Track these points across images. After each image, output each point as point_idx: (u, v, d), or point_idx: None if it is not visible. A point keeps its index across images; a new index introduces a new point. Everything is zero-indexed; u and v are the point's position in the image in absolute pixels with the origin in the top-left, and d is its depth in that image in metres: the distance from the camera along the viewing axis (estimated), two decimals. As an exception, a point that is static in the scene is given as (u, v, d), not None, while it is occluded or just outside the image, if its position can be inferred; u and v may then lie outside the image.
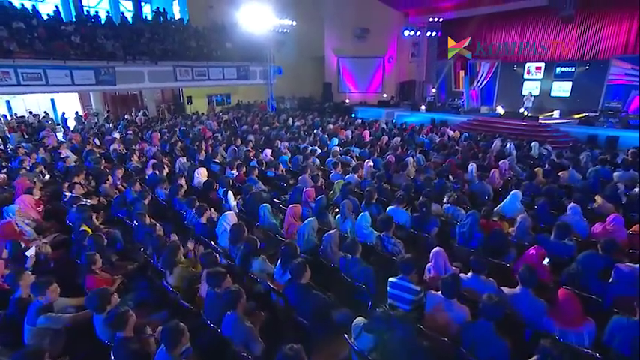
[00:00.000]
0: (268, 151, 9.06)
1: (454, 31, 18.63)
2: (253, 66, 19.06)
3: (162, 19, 18.11)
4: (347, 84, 22.59)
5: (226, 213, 4.91)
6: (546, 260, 4.01)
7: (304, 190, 5.79)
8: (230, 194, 6.20)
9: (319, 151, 9.30)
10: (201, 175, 7.23)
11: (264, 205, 5.32)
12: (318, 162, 8.33)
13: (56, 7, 16.74)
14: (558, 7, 15.02)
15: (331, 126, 13.00)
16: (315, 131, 12.02)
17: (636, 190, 6.28)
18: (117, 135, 11.49)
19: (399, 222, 5.19)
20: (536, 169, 6.97)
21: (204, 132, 12.58)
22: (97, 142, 11.48)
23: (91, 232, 4.59)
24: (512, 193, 5.59)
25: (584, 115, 14.37)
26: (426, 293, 3.42)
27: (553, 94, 16.32)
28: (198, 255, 4.15)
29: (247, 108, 20.60)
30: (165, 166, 7.80)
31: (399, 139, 10.18)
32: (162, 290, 3.99)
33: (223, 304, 3.10)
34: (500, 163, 7.32)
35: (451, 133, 11.54)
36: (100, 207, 6.17)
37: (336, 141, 10.01)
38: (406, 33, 19.39)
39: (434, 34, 19.13)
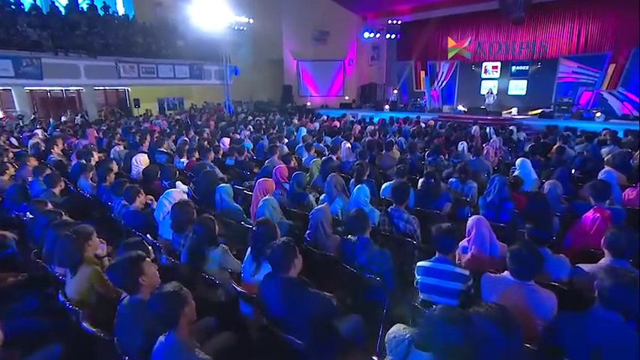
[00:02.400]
0: (226, 140, 7.56)
1: (413, 33, 18.42)
2: (208, 65, 17.42)
3: (102, 12, 15.98)
4: (307, 87, 21.56)
5: (170, 190, 3.40)
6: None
7: (275, 168, 4.41)
8: (179, 183, 4.69)
9: (287, 140, 7.97)
10: (141, 162, 5.56)
11: (221, 186, 3.86)
12: (286, 149, 6.98)
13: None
14: (509, 10, 15.21)
15: (296, 121, 11.74)
16: (277, 126, 10.65)
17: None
18: (39, 132, 9.36)
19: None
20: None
21: (151, 128, 10.73)
22: (14, 141, 9.25)
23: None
24: (521, 160, 4.61)
25: (540, 110, 14.49)
26: (482, 277, 2.18)
27: (510, 92, 16.40)
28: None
29: (202, 111, 18.73)
30: (95, 155, 6.03)
31: (372, 126, 9.13)
32: (59, 310, 2.40)
33: (150, 322, 1.64)
34: (491, 141, 6.45)
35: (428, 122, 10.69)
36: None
37: (304, 130, 8.72)
38: (366, 35, 18.84)
39: (393, 36, 18.76)
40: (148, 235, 3.21)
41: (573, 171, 5.19)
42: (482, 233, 2.62)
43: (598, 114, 12.28)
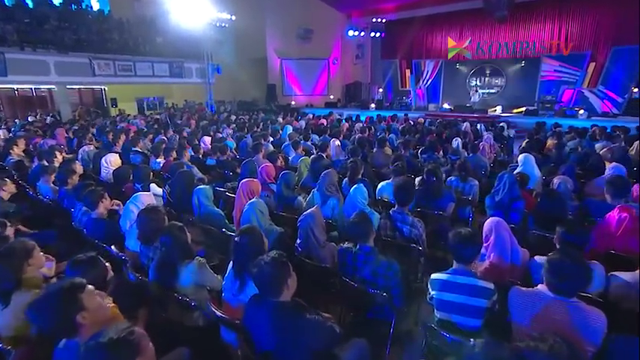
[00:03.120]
0: (207, 139, 7.04)
1: (398, 31, 18.24)
2: (189, 63, 16.70)
3: (75, 6, 15.05)
4: (292, 87, 21.10)
5: (138, 194, 2.92)
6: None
7: (260, 167, 3.97)
8: (154, 186, 4.20)
9: (272, 138, 7.51)
10: (112, 163, 5.00)
11: (199, 188, 3.39)
12: (270, 146, 6.53)
13: None
14: (493, 9, 15.19)
15: (281, 119, 11.27)
16: (262, 124, 10.15)
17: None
18: (1, 132, 8.58)
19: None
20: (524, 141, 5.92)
21: (128, 127, 10.05)
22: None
23: None
24: (524, 156, 4.32)
25: (524, 108, 14.50)
26: (511, 292, 1.82)
27: (494, 90, 16.40)
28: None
29: (183, 110, 17.97)
30: (59, 156, 5.42)
31: (361, 124, 8.77)
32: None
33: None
34: (485, 137, 6.17)
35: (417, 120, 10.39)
36: None
37: (289, 128, 8.27)
38: (350, 33, 18.54)
39: (378, 34, 18.51)
40: (113, 247, 2.72)
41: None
42: (502, 238, 2.26)
43: (581, 111, 12.32)
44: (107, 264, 1.95)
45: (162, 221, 2.42)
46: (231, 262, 2.06)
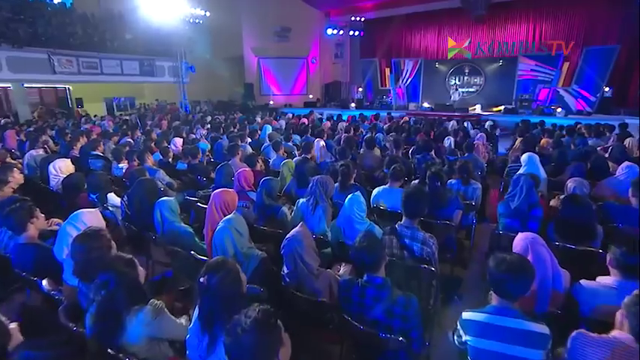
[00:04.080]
0: (178, 141, 6.34)
1: (377, 30, 17.98)
2: (161, 61, 15.71)
3: (31, -2, 13.79)
4: (269, 86, 20.41)
5: (79, 212, 2.26)
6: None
7: (237, 172, 3.38)
8: (112, 196, 3.54)
9: (249, 139, 6.89)
10: (62, 169, 4.26)
11: (162, 200, 2.77)
12: (249, 148, 5.93)
13: None
14: (471, 8, 15.14)
15: (259, 119, 10.63)
16: (239, 124, 9.48)
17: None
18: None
19: (398, 208, 3.15)
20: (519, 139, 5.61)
21: (91, 129, 9.12)
22: None
23: None
24: (528, 156, 3.93)
25: (502, 107, 14.53)
26: (573, 338, 1.35)
27: (473, 89, 16.38)
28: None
29: (154, 110, 16.93)
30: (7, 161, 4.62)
31: (344, 123, 8.29)
32: None
33: None
34: (477, 135, 5.82)
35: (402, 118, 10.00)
36: None
37: (269, 128, 7.67)
38: (329, 31, 18.07)
39: (357, 33, 18.14)
40: (45, 282, 2.08)
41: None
42: (542, 259, 1.80)
43: (559, 109, 12.39)
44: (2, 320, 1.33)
45: (106, 251, 1.81)
46: (197, 308, 1.48)
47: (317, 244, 2.31)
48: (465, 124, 7.91)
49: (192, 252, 2.45)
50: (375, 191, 3.38)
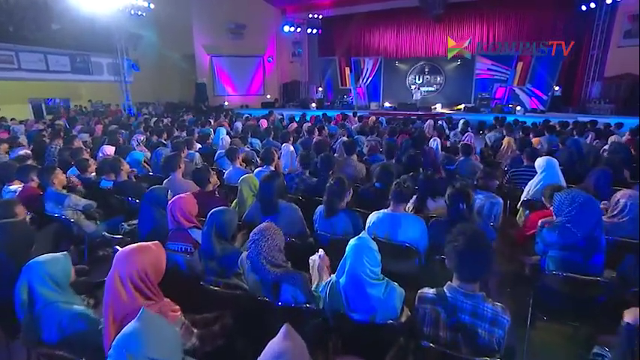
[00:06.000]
0: (109, 149, 4.93)
1: (335, 28, 17.22)
2: (97, 57, 13.69)
3: None
4: (224, 86, 18.88)
5: None
6: None
7: (172, 201, 2.23)
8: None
9: (199, 145, 5.65)
10: None
11: (35, 262, 1.57)
12: (198, 157, 4.72)
13: None
14: (428, 7, 14.87)
15: (212, 121, 9.31)
16: (188, 128, 8.07)
17: None
18: None
19: (406, 240, 2.21)
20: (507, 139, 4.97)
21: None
22: None
23: None
24: (546, 161, 3.19)
25: (463, 106, 14.45)
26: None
27: (433, 88, 16.18)
28: None
29: (91, 113, 14.72)
30: None
31: (309, 124, 7.28)
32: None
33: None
34: (464, 135, 5.08)
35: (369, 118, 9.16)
36: None
37: (223, 131, 6.40)
38: (286, 28, 16.99)
39: (314, 31, 17.24)
40: None
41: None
42: None
43: (518, 107, 12.38)
44: None
45: None
46: None
47: (302, 316, 1.31)
48: (440, 122, 7.24)
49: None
50: (371, 218, 2.40)
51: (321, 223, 2.47)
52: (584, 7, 12.64)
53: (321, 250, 1.94)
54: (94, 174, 4.14)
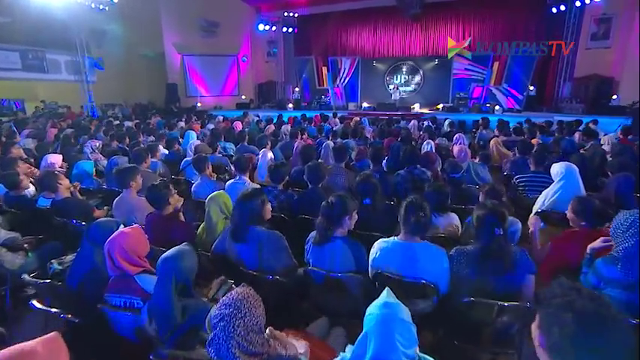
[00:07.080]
0: (54, 158, 4.14)
1: (311, 27, 16.71)
2: (54, 54, 12.45)
3: None
4: (196, 86, 17.88)
5: None
6: None
7: (112, 238, 1.62)
8: None
9: (166, 151, 4.95)
10: None
11: None
12: (162, 167, 4.04)
13: None
14: (406, 7, 14.66)
15: (182, 124, 8.54)
16: (155, 132, 7.27)
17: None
18: None
19: (423, 277, 1.71)
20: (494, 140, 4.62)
21: None
22: None
23: None
24: (565, 168, 2.78)
25: (441, 105, 14.32)
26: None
27: (411, 88, 16.00)
28: None
29: (50, 117, 13.39)
30: None
31: (288, 126, 6.71)
32: None
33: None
34: (455, 137, 4.67)
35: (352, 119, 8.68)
36: None
37: (193, 135, 5.71)
38: (261, 27, 16.29)
39: (290, 30, 16.64)
40: None
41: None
42: None
43: (497, 107, 12.34)
44: None
45: None
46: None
47: None
48: (425, 123, 6.87)
49: None
50: (376, 248, 1.88)
51: (314, 252, 1.93)
52: (554, 10, 12.82)
53: (306, 345, 1.35)
54: (31, 190, 3.41)
